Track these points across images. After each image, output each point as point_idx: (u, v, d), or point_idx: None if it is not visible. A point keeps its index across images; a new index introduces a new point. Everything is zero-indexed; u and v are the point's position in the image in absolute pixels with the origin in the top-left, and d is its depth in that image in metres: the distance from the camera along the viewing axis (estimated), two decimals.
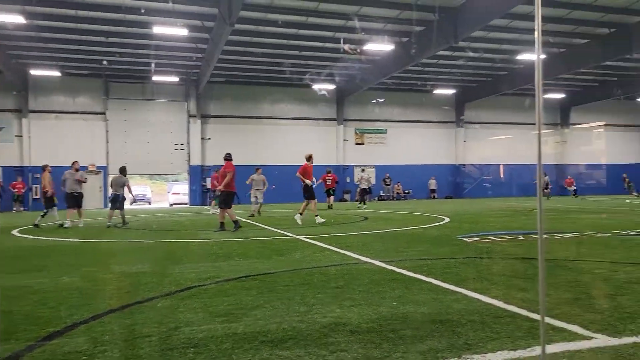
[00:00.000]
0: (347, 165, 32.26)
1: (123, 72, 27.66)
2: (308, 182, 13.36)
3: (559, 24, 21.04)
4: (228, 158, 12.06)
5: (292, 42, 23.21)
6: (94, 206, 26.25)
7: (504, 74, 29.60)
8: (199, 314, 4.08)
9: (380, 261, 6.50)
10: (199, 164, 29.66)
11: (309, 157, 13.65)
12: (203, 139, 29.88)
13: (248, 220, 14.67)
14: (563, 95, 34.20)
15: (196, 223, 15.02)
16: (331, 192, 21.13)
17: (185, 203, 31.58)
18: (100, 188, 27.68)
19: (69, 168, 14.11)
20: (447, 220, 13.66)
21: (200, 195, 29.82)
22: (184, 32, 20.49)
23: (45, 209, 14.12)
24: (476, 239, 8.97)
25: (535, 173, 2.70)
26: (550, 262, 6.11)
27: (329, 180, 20.93)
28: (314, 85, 29.69)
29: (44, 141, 26.85)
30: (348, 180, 31.99)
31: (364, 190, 22.98)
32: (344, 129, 32.28)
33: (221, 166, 12.52)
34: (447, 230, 10.73)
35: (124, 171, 14.22)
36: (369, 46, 22.38)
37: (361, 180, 23.69)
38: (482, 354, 3.03)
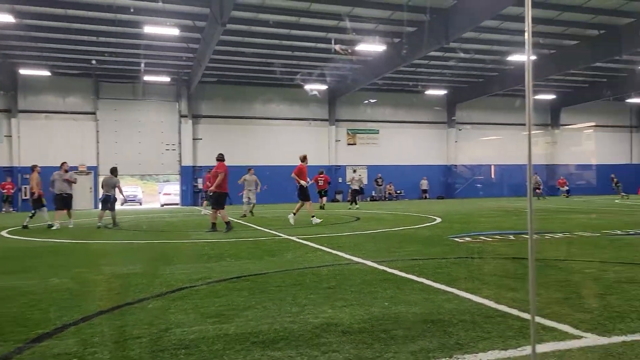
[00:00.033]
0: (339, 166, 32.28)
1: (114, 72, 27.48)
2: (303, 183, 13.35)
3: (549, 25, 21.23)
4: (220, 158, 12.01)
5: (284, 43, 23.21)
6: (85, 207, 26.08)
7: (494, 75, 29.76)
8: (190, 315, 4.06)
9: (372, 261, 6.50)
10: (191, 165, 29.54)
11: (304, 158, 13.60)
12: (194, 139, 29.77)
13: (240, 221, 14.64)
14: (553, 96, 34.46)
15: (187, 224, 14.95)
16: (323, 193, 21.14)
17: (177, 204, 31.42)
18: (90, 189, 27.49)
19: (59, 169, 13.99)
20: (439, 220, 13.71)
21: (192, 195, 29.71)
22: (175, 32, 20.40)
23: (32, 209, 14.01)
24: (467, 239, 9.01)
25: (526, 173, 2.72)
26: (540, 262, 6.16)
27: (321, 181, 20.90)
28: (306, 86, 29.67)
29: (34, 141, 26.63)
30: (340, 181, 32.02)
31: (355, 190, 23.03)
32: (335, 130, 32.29)
33: (213, 167, 12.49)
34: (439, 231, 10.77)
35: (115, 172, 14.12)
36: (361, 47, 22.42)
37: (352, 180, 23.74)
38: (474, 354, 3.04)
